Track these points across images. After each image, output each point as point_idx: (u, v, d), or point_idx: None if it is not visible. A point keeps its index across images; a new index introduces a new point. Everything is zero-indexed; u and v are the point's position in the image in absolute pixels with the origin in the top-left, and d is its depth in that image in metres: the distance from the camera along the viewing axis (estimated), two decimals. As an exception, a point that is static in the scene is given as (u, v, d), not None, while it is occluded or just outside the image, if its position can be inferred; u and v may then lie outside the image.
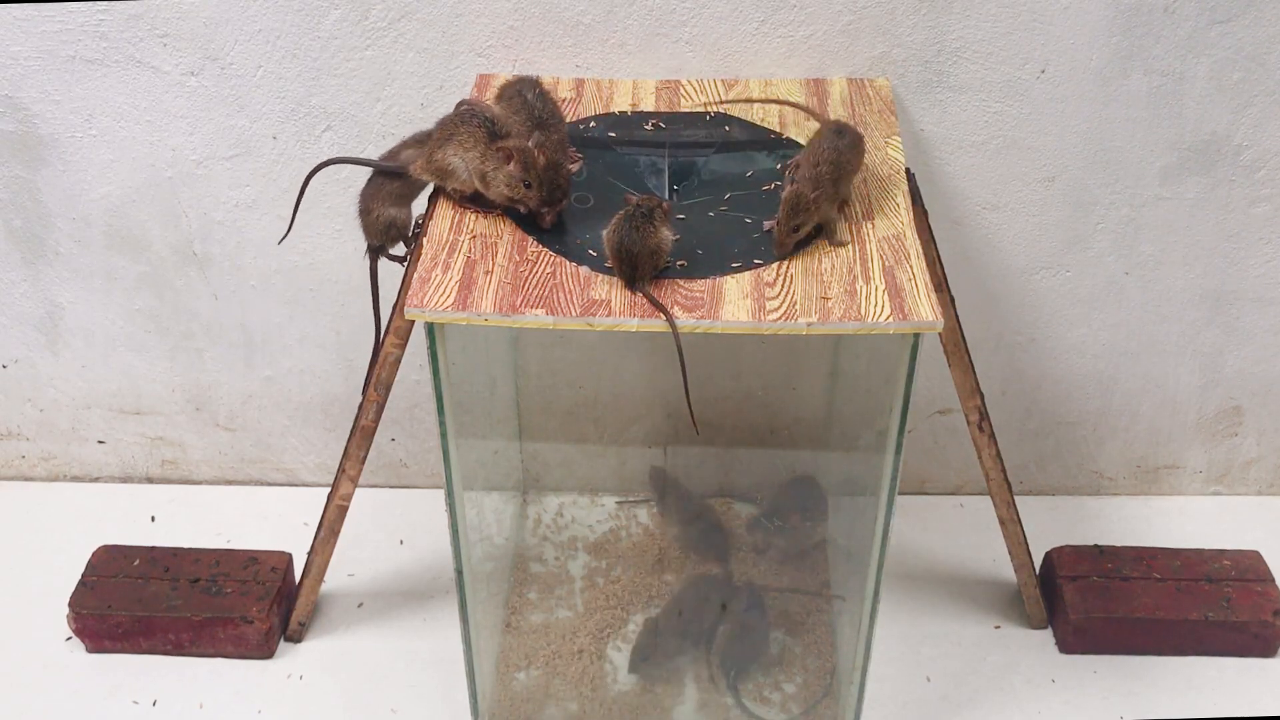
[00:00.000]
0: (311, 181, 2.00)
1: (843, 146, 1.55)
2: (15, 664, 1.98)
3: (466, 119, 1.56)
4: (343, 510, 1.91)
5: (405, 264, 1.70)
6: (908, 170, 1.66)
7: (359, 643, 2.02)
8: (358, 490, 1.89)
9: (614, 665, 1.95)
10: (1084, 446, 2.25)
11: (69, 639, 2.01)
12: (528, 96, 1.64)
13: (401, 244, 1.73)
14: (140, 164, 1.99)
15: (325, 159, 1.75)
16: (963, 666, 1.98)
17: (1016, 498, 1.92)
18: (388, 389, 1.78)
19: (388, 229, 1.70)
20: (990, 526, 1.99)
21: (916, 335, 1.44)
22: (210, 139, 1.96)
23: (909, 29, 1.85)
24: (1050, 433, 2.23)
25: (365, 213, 1.71)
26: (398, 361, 1.75)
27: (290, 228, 1.77)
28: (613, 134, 1.73)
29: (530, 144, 1.53)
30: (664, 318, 1.42)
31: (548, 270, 1.49)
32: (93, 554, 2.06)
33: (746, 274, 1.48)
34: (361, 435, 1.82)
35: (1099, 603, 1.97)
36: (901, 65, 1.87)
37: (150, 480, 2.34)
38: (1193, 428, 2.22)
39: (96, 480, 2.34)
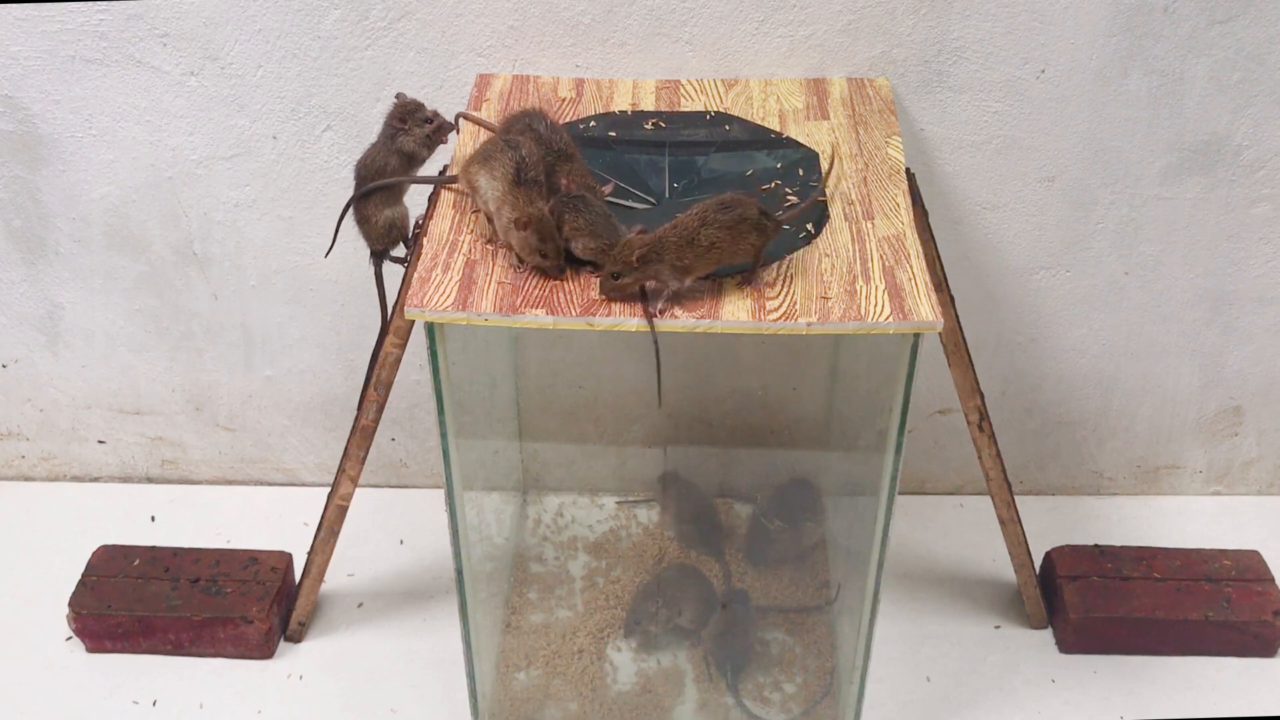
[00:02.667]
0: (312, 181, 2.00)
1: (715, 220, 1.41)
2: (15, 664, 1.98)
3: (505, 148, 1.49)
4: (343, 510, 1.91)
5: (406, 265, 1.69)
6: (908, 170, 1.66)
7: (359, 643, 2.02)
8: (358, 490, 1.89)
9: (614, 665, 1.95)
10: (1084, 446, 2.24)
11: (69, 639, 2.01)
12: (540, 130, 1.56)
13: (402, 244, 1.73)
14: (140, 164, 1.99)
15: (367, 186, 1.67)
16: (963, 666, 1.98)
17: (1016, 498, 1.92)
18: (388, 389, 1.78)
19: (389, 230, 1.70)
20: (990, 526, 1.99)
21: (916, 335, 1.44)
22: (210, 139, 1.96)
23: (909, 29, 1.85)
24: (1050, 433, 2.23)
25: (363, 220, 1.70)
26: (398, 361, 1.75)
27: (332, 247, 1.73)
28: (613, 134, 1.73)
29: (548, 211, 1.45)
30: (644, 312, 1.41)
31: (548, 270, 1.49)
32: (93, 554, 2.06)
33: (746, 274, 1.48)
34: (361, 435, 1.82)
35: (1099, 603, 1.97)
36: (901, 65, 1.87)
37: (150, 480, 2.34)
38: (1193, 428, 2.22)
39: (96, 480, 2.34)
